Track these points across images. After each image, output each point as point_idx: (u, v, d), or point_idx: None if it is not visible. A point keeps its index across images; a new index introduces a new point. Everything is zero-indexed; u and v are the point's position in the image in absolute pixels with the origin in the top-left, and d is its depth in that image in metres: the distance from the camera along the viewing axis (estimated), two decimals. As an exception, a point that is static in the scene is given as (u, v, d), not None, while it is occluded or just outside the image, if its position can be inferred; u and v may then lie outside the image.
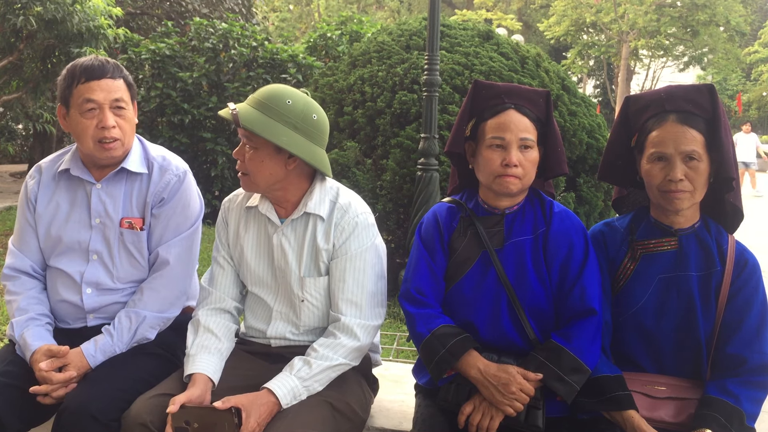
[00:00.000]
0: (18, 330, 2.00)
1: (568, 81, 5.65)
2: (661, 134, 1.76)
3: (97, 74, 1.99)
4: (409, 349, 3.72)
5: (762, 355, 1.74)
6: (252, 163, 1.89)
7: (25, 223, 2.13)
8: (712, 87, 1.77)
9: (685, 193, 1.74)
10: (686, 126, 1.73)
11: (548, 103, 1.90)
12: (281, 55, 8.16)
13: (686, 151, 1.72)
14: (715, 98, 1.75)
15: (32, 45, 6.85)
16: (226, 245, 2.10)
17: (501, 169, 1.82)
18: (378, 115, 5.11)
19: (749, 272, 1.78)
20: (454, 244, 1.92)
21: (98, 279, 2.09)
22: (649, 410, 1.76)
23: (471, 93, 1.93)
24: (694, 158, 1.72)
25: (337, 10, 25.20)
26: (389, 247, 4.78)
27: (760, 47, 33.20)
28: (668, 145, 1.74)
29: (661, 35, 29.12)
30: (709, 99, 1.75)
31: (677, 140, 1.73)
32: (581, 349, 1.75)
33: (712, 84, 1.80)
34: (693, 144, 1.72)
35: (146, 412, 1.74)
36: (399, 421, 2.21)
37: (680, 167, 1.73)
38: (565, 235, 1.86)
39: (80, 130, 2.01)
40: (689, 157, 1.72)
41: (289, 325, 2.02)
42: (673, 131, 1.74)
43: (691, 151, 1.72)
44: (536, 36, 33.36)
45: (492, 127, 1.85)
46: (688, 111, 1.75)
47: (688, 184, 1.73)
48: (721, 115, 1.74)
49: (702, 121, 1.74)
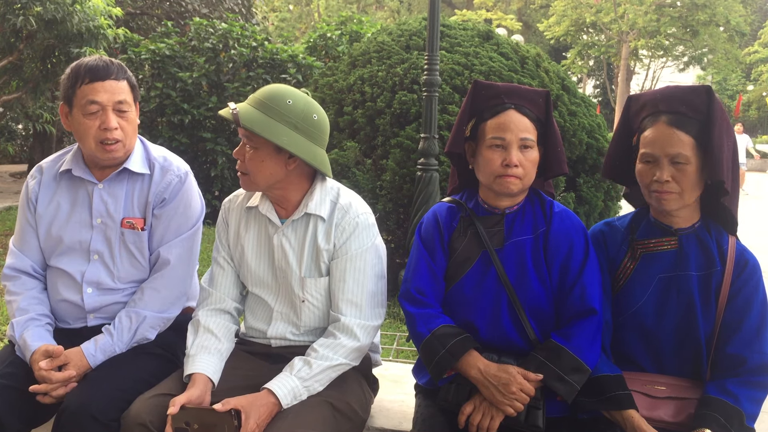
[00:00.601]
0: (18, 330, 2.00)
1: (568, 81, 5.65)
2: (651, 135, 1.77)
3: (102, 75, 1.99)
4: (409, 349, 3.72)
5: (762, 356, 1.74)
6: (252, 162, 1.89)
7: (26, 223, 2.13)
8: (710, 89, 1.76)
9: (671, 194, 1.75)
10: (675, 128, 1.73)
11: (548, 103, 1.90)
12: (281, 55, 8.16)
13: (671, 154, 1.73)
14: (712, 100, 1.74)
15: (32, 45, 6.85)
16: (226, 246, 2.10)
17: (501, 170, 1.82)
18: (378, 115, 5.11)
19: (749, 272, 1.78)
20: (454, 244, 1.92)
21: (99, 279, 2.09)
22: (649, 410, 1.76)
23: (471, 93, 1.93)
24: (680, 161, 1.73)
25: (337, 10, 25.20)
26: (389, 247, 4.78)
27: (760, 47, 33.21)
28: (656, 146, 1.75)
29: (660, 35, 29.12)
30: (705, 101, 1.74)
31: (664, 142, 1.74)
32: (581, 348, 1.76)
33: (709, 86, 1.79)
34: (679, 147, 1.72)
35: (145, 412, 1.74)
36: (399, 421, 2.21)
37: (667, 169, 1.74)
38: (565, 234, 1.86)
39: (83, 130, 2.01)
40: (675, 161, 1.73)
41: (290, 326, 2.02)
42: (663, 133, 1.75)
43: (676, 154, 1.72)
44: (536, 36, 33.36)
45: (492, 127, 1.85)
46: (680, 113, 1.75)
47: (675, 186, 1.74)
48: (716, 119, 1.73)
49: (695, 123, 1.74)
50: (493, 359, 1.79)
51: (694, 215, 1.84)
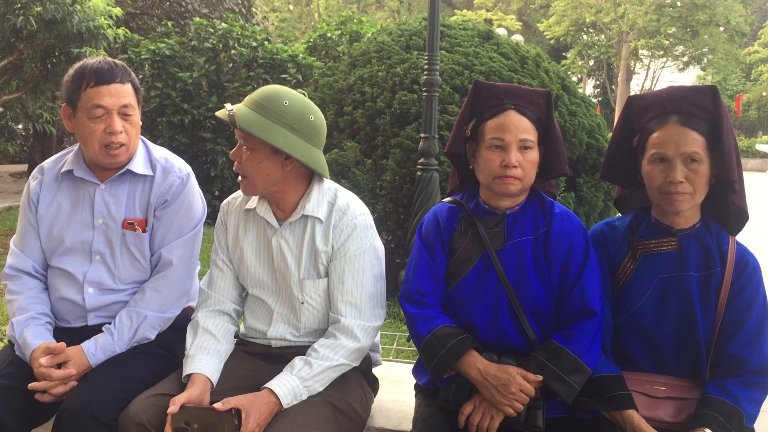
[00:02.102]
0: (18, 329, 2.00)
1: (568, 81, 5.65)
2: (662, 135, 1.76)
3: (107, 78, 1.98)
4: (409, 349, 3.72)
5: (762, 357, 1.74)
6: (249, 164, 1.89)
7: (27, 224, 2.13)
8: (715, 88, 1.76)
9: (684, 195, 1.74)
10: (687, 128, 1.73)
11: (549, 103, 1.90)
12: (281, 55, 8.16)
13: (687, 152, 1.72)
14: (718, 100, 1.74)
15: (32, 45, 6.85)
16: (225, 248, 2.10)
17: (500, 170, 1.82)
18: (378, 115, 5.11)
19: (750, 273, 1.78)
20: (455, 244, 1.92)
21: (100, 279, 2.09)
22: (649, 410, 1.76)
23: (471, 93, 1.93)
24: (695, 160, 1.72)
25: (337, 10, 25.19)
26: (389, 248, 4.78)
27: (760, 47, 33.20)
28: (669, 146, 1.74)
29: (661, 35, 29.11)
30: (712, 100, 1.75)
31: (678, 142, 1.73)
32: (581, 349, 1.76)
33: (714, 86, 1.79)
34: (694, 146, 1.72)
35: (143, 412, 1.74)
36: (399, 421, 2.21)
37: (680, 169, 1.73)
38: (565, 235, 1.86)
39: (87, 133, 2.01)
40: (690, 159, 1.72)
41: (290, 327, 2.02)
42: (675, 133, 1.74)
43: (692, 152, 1.72)
44: (536, 36, 33.36)
45: (492, 127, 1.85)
46: (689, 113, 1.75)
47: (688, 186, 1.74)
48: (723, 117, 1.73)
49: (704, 122, 1.74)
50: (493, 359, 1.79)
51: (695, 216, 1.83)
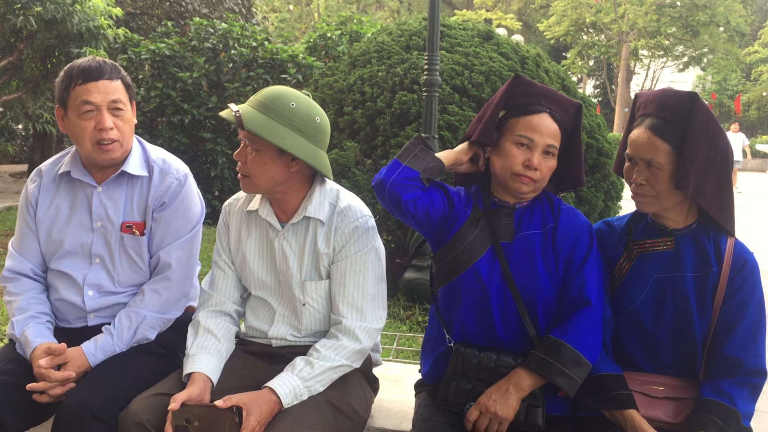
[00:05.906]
0: (18, 328, 2.00)
1: (568, 81, 5.65)
2: (633, 136, 1.79)
3: (95, 75, 1.98)
4: (409, 349, 3.72)
5: (758, 359, 1.74)
6: (254, 165, 1.88)
7: (26, 227, 2.13)
8: (695, 96, 1.75)
9: (646, 197, 1.77)
10: (654, 134, 1.74)
11: (579, 114, 1.91)
12: (281, 55, 8.15)
13: (645, 158, 1.75)
14: (694, 108, 1.72)
15: (32, 45, 6.85)
16: (227, 249, 2.10)
17: (521, 168, 1.82)
18: (378, 115, 5.11)
19: (747, 272, 1.78)
20: (465, 230, 1.90)
21: (100, 282, 2.09)
22: (647, 410, 1.76)
23: (509, 85, 1.90)
24: (654, 166, 1.74)
25: (336, 10, 25.21)
26: (389, 248, 4.78)
27: (760, 47, 33.22)
28: (634, 148, 1.78)
29: (661, 35, 29.13)
30: (688, 108, 1.72)
31: (640, 146, 1.76)
32: (579, 341, 1.76)
33: (695, 93, 1.78)
34: (653, 153, 1.73)
35: (143, 411, 1.74)
36: (399, 421, 2.21)
37: (642, 172, 1.75)
38: (572, 229, 1.88)
39: (78, 132, 2.01)
40: (649, 165, 1.74)
41: (291, 329, 2.03)
42: (642, 137, 1.76)
43: (649, 159, 1.74)
44: (536, 36, 33.37)
45: (523, 125, 1.84)
46: (664, 119, 1.74)
47: (649, 189, 1.76)
48: (694, 128, 1.71)
49: (677, 130, 1.73)
50: (492, 359, 1.80)
51: (689, 216, 1.83)
